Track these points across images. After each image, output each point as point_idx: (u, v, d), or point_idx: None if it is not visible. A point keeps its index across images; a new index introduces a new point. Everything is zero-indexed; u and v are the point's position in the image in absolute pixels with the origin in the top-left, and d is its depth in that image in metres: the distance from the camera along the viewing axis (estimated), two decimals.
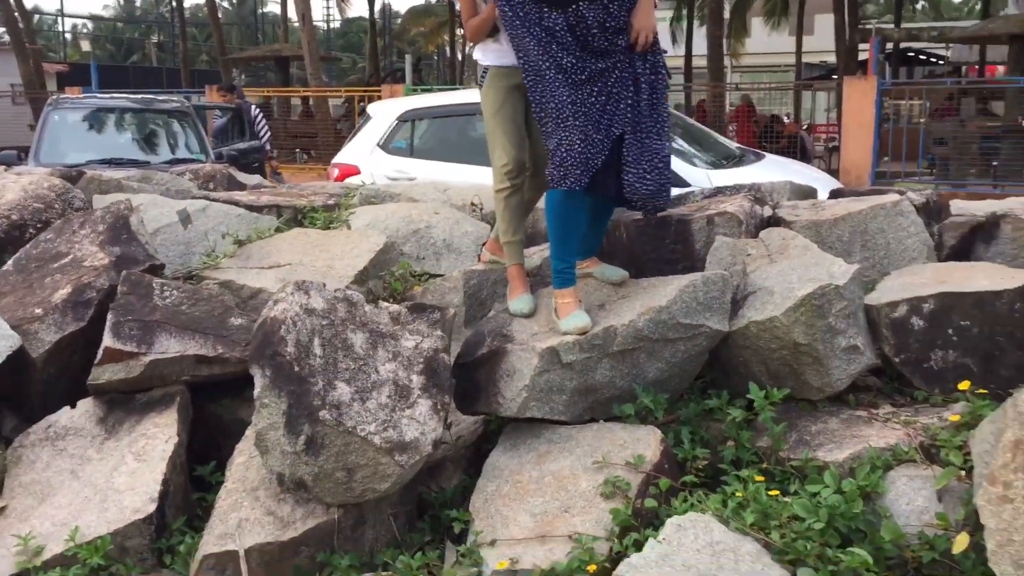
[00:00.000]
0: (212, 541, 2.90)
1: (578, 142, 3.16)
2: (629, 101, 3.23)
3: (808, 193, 4.92)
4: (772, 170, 6.93)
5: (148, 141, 8.85)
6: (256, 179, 6.38)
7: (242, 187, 5.91)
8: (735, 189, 4.66)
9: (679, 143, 7.21)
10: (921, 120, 14.91)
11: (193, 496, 3.39)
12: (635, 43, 3.21)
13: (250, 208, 4.96)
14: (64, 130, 8.60)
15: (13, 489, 3.27)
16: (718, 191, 4.76)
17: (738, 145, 8.59)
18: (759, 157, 7.74)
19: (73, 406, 3.53)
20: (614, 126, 3.22)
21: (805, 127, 19.78)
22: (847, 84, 12.68)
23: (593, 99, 3.18)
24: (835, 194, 4.86)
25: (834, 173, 12.51)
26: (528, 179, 3.62)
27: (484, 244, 4.16)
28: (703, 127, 8.82)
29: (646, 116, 3.26)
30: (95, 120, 8.94)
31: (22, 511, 3.17)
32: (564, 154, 3.18)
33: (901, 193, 4.26)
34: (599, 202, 3.50)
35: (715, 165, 7.08)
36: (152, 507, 3.08)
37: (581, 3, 3.16)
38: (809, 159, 14.97)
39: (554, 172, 3.22)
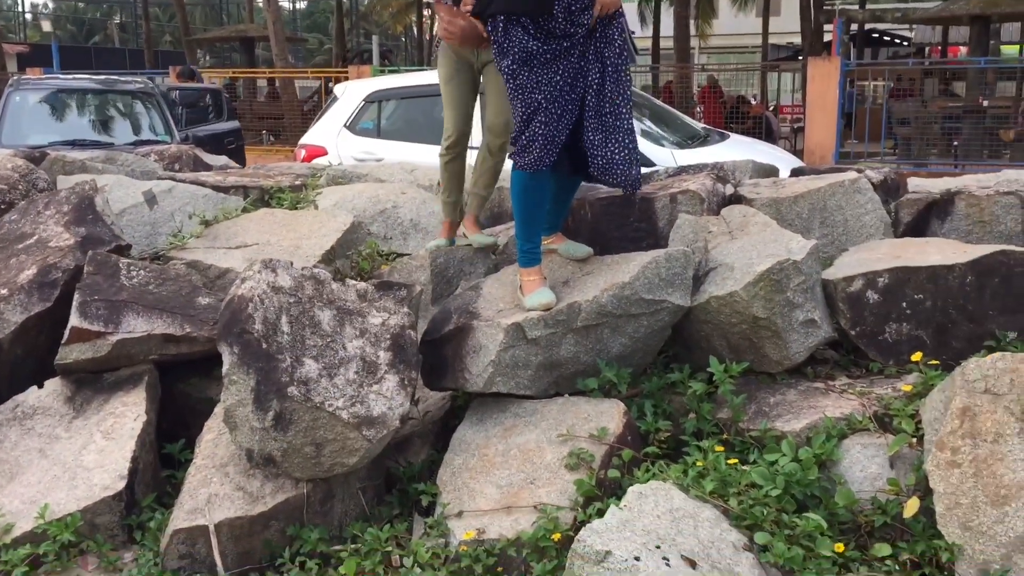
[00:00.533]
0: (182, 516, 2.93)
1: (541, 124, 3.19)
2: (594, 79, 3.25)
3: (770, 172, 4.99)
4: (736, 150, 7.02)
5: (112, 122, 8.77)
6: (223, 160, 6.35)
7: (208, 168, 5.90)
8: (698, 168, 4.73)
9: (645, 124, 7.27)
10: (884, 101, 15.08)
11: (162, 474, 3.41)
12: (598, 16, 3.22)
13: (216, 189, 4.96)
14: (26, 111, 8.50)
15: None
16: (682, 170, 4.82)
17: (703, 125, 8.66)
18: (724, 137, 7.82)
19: (41, 386, 3.53)
20: (577, 105, 3.25)
21: (771, 108, 19.94)
22: (811, 65, 12.80)
23: (558, 78, 3.21)
24: (796, 173, 4.94)
25: (799, 153, 12.65)
26: (499, 145, 3.77)
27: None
28: (669, 107, 8.88)
29: (610, 93, 3.28)
30: (58, 101, 8.84)
31: None
32: (529, 135, 3.22)
33: (860, 171, 4.35)
34: (563, 179, 3.54)
35: (680, 145, 7.15)
36: (121, 484, 3.10)
37: None
38: (775, 139, 15.10)
39: (518, 153, 3.26)
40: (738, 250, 3.48)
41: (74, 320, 3.41)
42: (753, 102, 20.39)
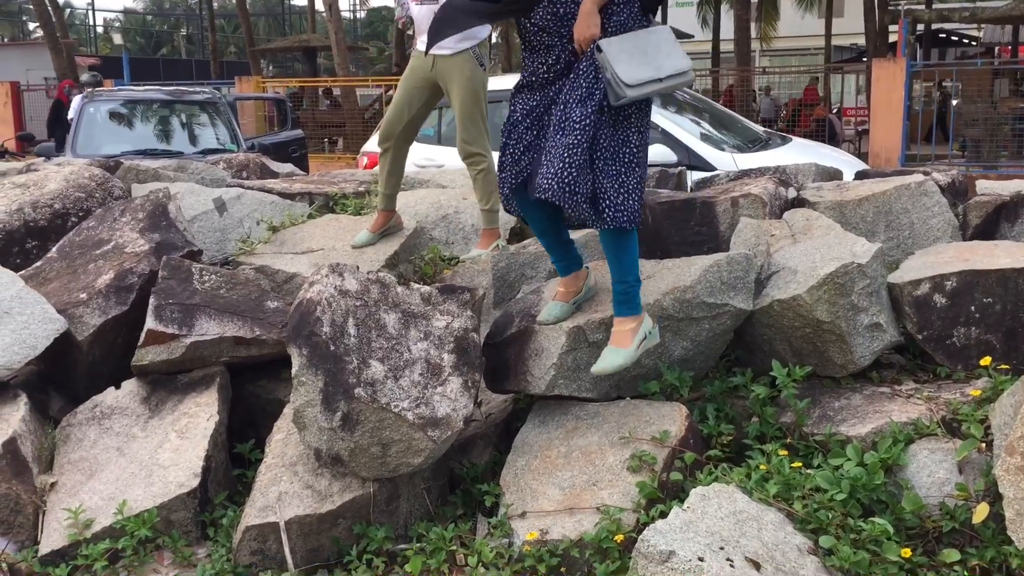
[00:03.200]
0: (254, 513, 3.01)
1: (501, 151, 3.18)
2: (557, 111, 3.02)
3: (833, 175, 4.95)
4: (799, 153, 6.94)
5: (180, 132, 9.01)
6: (288, 167, 6.49)
7: (275, 175, 6.03)
8: (760, 172, 4.71)
9: (705, 127, 7.25)
10: (954, 102, 14.77)
11: (233, 473, 3.51)
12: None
13: (283, 195, 5.08)
14: (99, 122, 8.78)
15: (62, 466, 3.40)
16: (743, 174, 4.81)
17: (764, 129, 8.59)
18: (786, 140, 7.74)
19: (118, 387, 3.65)
20: (535, 136, 3.11)
21: (836, 111, 19.66)
22: (876, 66, 12.60)
23: (517, 109, 3.14)
24: (860, 176, 4.89)
25: (864, 156, 12.45)
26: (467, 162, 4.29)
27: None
28: (728, 111, 8.82)
29: (568, 119, 2.98)
30: (129, 112, 9.11)
31: (71, 487, 3.31)
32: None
33: (926, 174, 4.29)
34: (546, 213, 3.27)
35: (741, 149, 7.10)
36: (195, 482, 3.20)
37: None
38: (839, 142, 14.90)
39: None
40: (801, 253, 3.46)
41: (150, 323, 3.53)
42: (821, 105, 20.16)
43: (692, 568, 2.07)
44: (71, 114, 9.57)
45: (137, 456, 3.36)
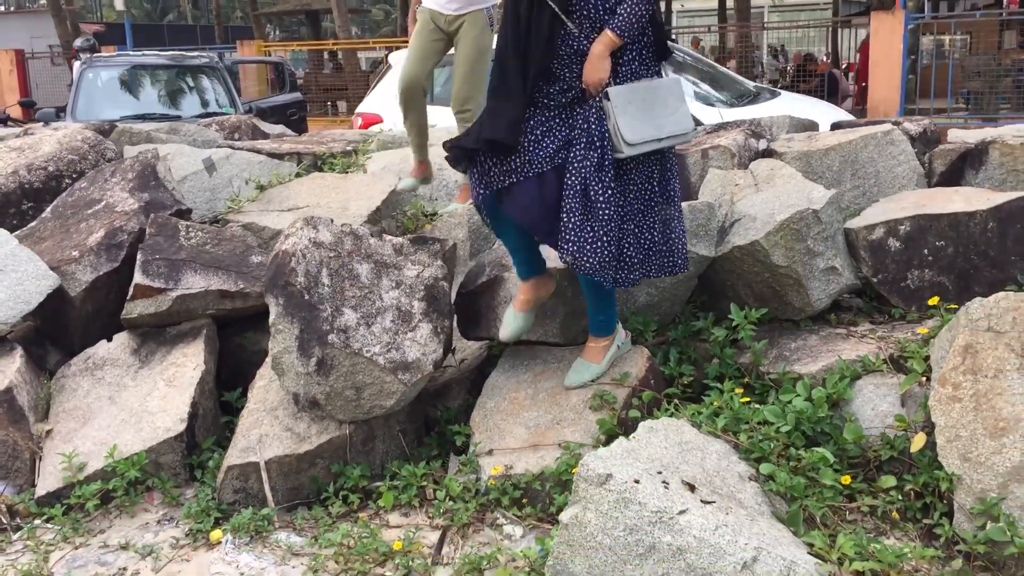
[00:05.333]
0: (236, 454, 3.18)
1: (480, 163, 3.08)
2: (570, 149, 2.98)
3: (809, 127, 5.04)
4: (786, 107, 7.01)
5: (179, 96, 9.13)
6: (279, 129, 6.61)
7: (266, 137, 6.15)
8: (735, 124, 4.81)
9: (694, 84, 7.32)
10: (959, 54, 14.67)
11: (222, 420, 3.68)
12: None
13: (271, 155, 5.20)
14: (98, 88, 8.89)
15: (58, 415, 3.58)
16: (720, 127, 4.91)
17: (755, 84, 8.63)
18: (775, 95, 7.81)
19: (110, 339, 3.82)
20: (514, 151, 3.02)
21: (844, 67, 19.52)
22: (875, 19, 12.53)
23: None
24: (835, 127, 4.98)
25: (866, 112, 12.43)
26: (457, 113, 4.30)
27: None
28: (720, 67, 8.88)
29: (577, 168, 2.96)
30: (128, 78, 9.23)
31: (66, 433, 3.48)
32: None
33: (896, 123, 4.38)
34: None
35: (730, 104, 7.18)
36: (182, 426, 3.37)
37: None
38: (840, 98, 14.86)
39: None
40: (762, 202, 3.58)
41: (137, 278, 3.68)
42: (826, 60, 20.02)
43: (627, 489, 2.22)
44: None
45: (127, 404, 3.52)
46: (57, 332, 3.99)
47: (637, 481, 2.24)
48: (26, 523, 3.17)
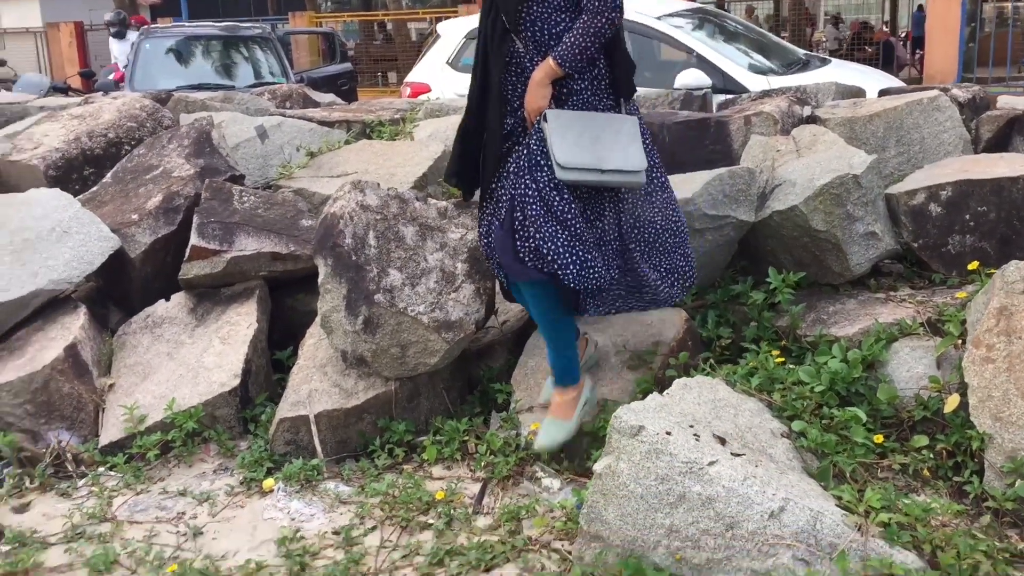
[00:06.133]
0: (287, 408, 3.32)
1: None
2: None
3: (856, 94, 5.01)
4: (836, 74, 6.94)
5: (233, 66, 9.31)
6: (330, 97, 6.73)
7: (316, 105, 6.27)
8: (781, 91, 4.80)
9: (743, 51, 7.28)
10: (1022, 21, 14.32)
11: (273, 378, 3.82)
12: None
13: (322, 123, 5.31)
14: (155, 59, 9.11)
15: (119, 370, 3.75)
16: (765, 94, 4.90)
17: (805, 52, 8.55)
18: (825, 62, 7.72)
19: (168, 299, 3.98)
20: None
21: (903, 36, 19.14)
22: None
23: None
24: (883, 93, 4.95)
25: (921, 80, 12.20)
26: None
27: None
28: (770, 34, 8.80)
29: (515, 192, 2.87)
30: (184, 48, 9.43)
31: (127, 387, 3.65)
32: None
33: (944, 90, 4.35)
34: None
35: (778, 72, 7.13)
36: (236, 382, 3.52)
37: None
38: (895, 66, 14.60)
39: None
40: (803, 167, 3.60)
41: (194, 239, 3.83)
42: (884, 28, 19.65)
43: (659, 441, 2.30)
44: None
45: (185, 360, 3.68)
46: (117, 292, 4.16)
47: (668, 433, 2.32)
48: (90, 471, 3.35)
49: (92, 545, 2.87)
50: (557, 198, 2.78)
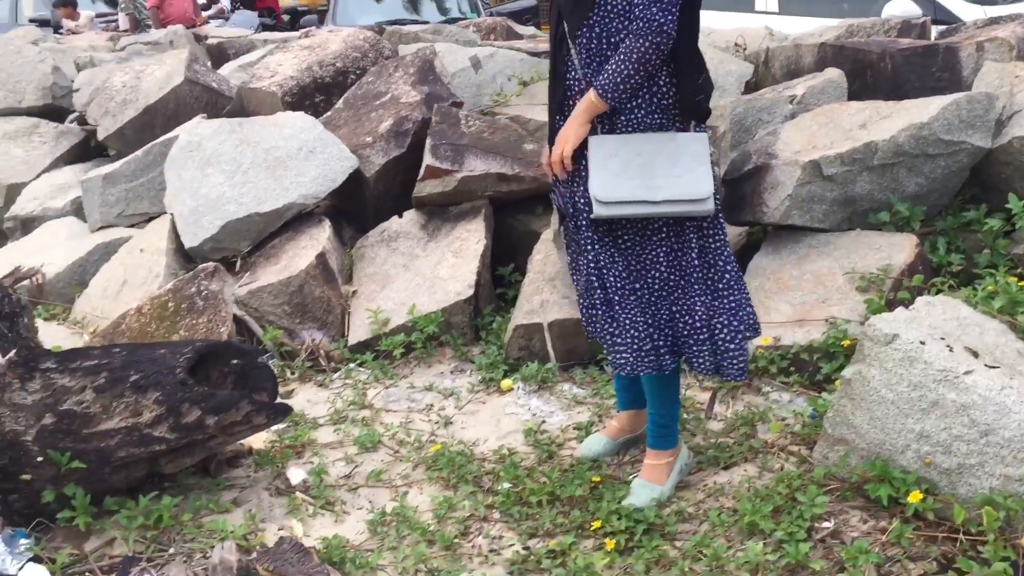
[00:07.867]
0: (521, 316, 3.54)
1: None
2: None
3: None
4: None
5: (427, 1, 9.62)
6: (531, 30, 6.89)
7: (519, 37, 6.45)
8: (1011, 18, 4.62)
9: None
10: None
11: (496, 291, 4.06)
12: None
13: (531, 54, 5.48)
14: None
15: (360, 279, 4.08)
16: (993, 20, 4.73)
17: None
18: None
19: (400, 215, 4.27)
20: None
21: None
22: None
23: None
24: None
25: None
26: None
27: None
28: None
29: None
30: None
31: (368, 294, 3.97)
32: None
33: None
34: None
35: (993, 1, 6.79)
36: (470, 292, 3.77)
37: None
38: None
39: None
40: None
41: (428, 159, 4.08)
42: None
43: (913, 349, 2.36)
44: None
45: (420, 271, 3.97)
46: (352, 210, 4.49)
47: (923, 343, 2.38)
48: (342, 366, 3.69)
49: (356, 427, 3.20)
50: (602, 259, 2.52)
